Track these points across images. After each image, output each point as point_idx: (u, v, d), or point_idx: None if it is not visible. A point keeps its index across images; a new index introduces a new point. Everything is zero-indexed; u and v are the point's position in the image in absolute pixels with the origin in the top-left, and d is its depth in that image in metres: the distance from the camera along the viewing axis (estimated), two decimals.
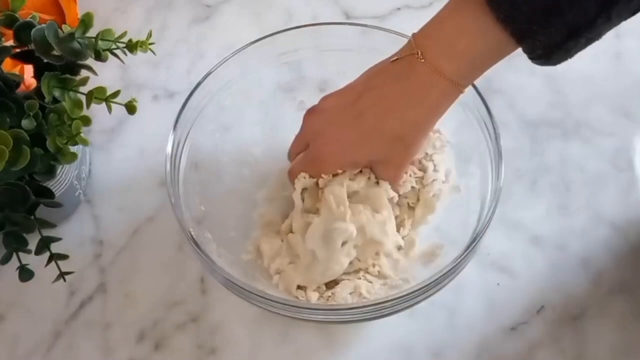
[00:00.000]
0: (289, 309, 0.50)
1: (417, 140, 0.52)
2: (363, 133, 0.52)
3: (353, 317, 0.51)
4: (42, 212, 0.52)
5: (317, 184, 0.56)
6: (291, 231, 0.57)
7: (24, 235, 0.52)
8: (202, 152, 0.60)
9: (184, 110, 0.57)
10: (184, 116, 0.57)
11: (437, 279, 0.49)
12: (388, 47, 0.53)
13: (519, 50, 0.46)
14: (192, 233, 0.52)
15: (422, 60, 0.47)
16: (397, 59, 0.50)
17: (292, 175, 0.57)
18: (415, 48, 0.48)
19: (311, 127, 0.55)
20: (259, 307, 0.52)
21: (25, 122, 0.49)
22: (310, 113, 0.56)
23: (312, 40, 0.61)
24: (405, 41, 0.51)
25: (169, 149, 0.55)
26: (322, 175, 0.55)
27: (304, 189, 0.57)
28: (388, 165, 0.54)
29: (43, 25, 0.50)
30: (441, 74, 0.47)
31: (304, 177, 0.56)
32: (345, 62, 0.61)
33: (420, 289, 0.49)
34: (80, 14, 0.68)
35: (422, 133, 0.51)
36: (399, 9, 0.76)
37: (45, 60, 0.51)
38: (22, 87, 0.54)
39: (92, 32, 0.51)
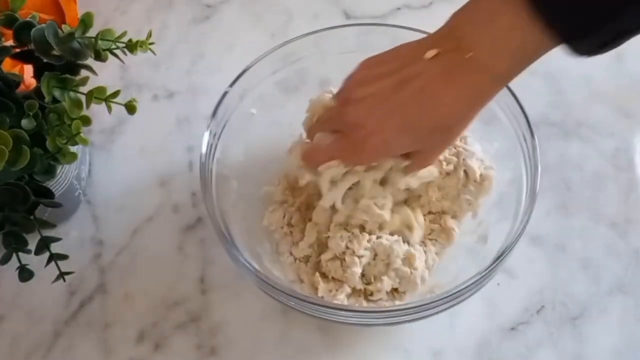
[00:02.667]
0: (312, 307, 0.50)
1: (458, 130, 0.51)
2: (406, 125, 0.50)
3: (357, 320, 0.52)
4: (42, 212, 0.52)
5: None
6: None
7: (24, 235, 0.52)
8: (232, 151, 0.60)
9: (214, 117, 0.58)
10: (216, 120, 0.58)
11: (458, 291, 0.49)
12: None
13: None
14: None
15: (470, 55, 0.46)
16: (439, 53, 0.48)
17: (314, 157, 0.54)
18: (459, 40, 0.47)
19: (349, 117, 0.52)
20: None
21: (25, 122, 0.49)
22: (347, 102, 0.52)
23: (315, 45, 0.61)
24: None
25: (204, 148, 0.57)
26: (357, 166, 0.54)
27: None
28: (425, 153, 0.53)
29: (43, 25, 0.50)
30: (488, 70, 0.46)
31: (337, 166, 0.54)
32: None
33: (443, 299, 0.49)
34: (80, 13, 0.68)
35: (464, 123, 0.50)
36: (399, 8, 0.76)
37: (45, 60, 0.51)
38: (21, 87, 0.54)
39: (92, 32, 0.51)
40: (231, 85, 0.59)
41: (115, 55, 0.52)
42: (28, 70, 0.58)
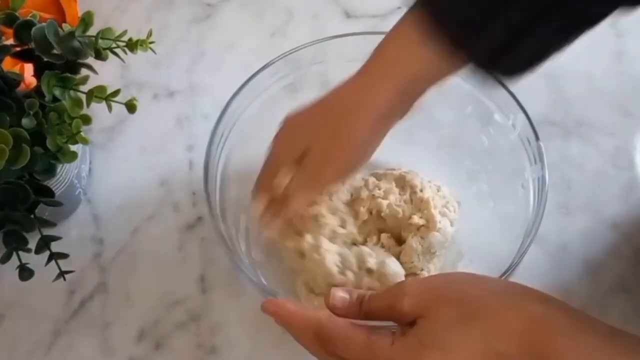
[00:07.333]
0: None
1: (347, 131, 0.51)
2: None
3: None
4: (42, 211, 0.52)
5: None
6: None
7: (24, 234, 0.52)
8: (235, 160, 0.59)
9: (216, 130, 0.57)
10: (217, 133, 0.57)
11: None
12: None
13: None
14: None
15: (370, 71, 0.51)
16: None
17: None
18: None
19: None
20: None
21: (25, 121, 0.49)
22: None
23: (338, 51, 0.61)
24: None
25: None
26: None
27: None
28: (316, 152, 0.52)
29: (43, 24, 0.50)
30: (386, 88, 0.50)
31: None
32: None
33: None
34: (80, 12, 0.68)
35: (355, 125, 0.51)
36: (399, 7, 0.76)
37: (45, 59, 0.51)
38: (22, 85, 0.54)
39: (92, 31, 0.51)
40: (235, 95, 0.58)
41: (116, 54, 0.52)
42: (28, 69, 0.58)
